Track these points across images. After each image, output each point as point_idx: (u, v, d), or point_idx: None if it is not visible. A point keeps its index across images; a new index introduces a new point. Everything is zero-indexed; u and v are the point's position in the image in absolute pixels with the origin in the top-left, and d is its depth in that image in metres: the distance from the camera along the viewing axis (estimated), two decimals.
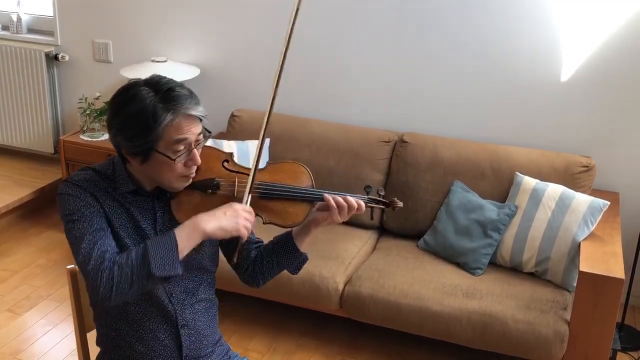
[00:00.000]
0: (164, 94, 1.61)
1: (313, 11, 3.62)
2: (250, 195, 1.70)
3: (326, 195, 1.77)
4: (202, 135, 1.67)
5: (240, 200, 1.71)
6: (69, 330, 3.09)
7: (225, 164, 1.79)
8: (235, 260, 1.73)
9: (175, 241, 1.58)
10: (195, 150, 1.66)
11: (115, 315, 1.76)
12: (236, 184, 1.75)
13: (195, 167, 1.70)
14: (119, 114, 1.63)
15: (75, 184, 1.67)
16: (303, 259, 1.89)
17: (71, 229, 1.64)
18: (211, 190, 1.74)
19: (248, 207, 1.68)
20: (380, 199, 1.87)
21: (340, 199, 1.76)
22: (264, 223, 1.76)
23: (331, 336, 3.16)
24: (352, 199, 1.77)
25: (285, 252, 1.87)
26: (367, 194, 1.85)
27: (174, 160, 1.63)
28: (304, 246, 1.87)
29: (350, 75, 3.66)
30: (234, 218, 1.62)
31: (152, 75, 1.68)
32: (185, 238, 1.59)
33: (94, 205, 1.66)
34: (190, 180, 1.71)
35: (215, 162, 1.78)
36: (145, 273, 1.55)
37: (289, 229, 1.87)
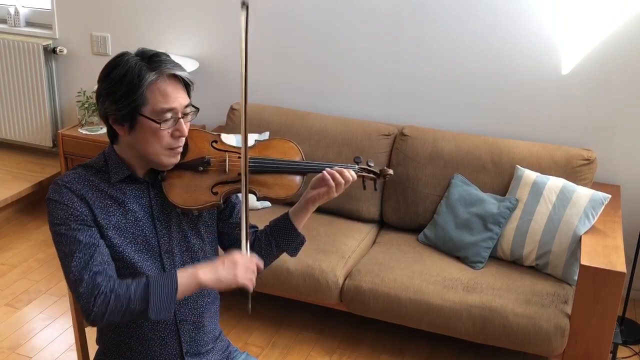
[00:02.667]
0: (150, 58, 1.64)
1: (313, 4, 3.60)
2: (249, 243, 1.69)
3: (325, 173, 1.78)
4: (189, 108, 1.68)
5: (232, 178, 1.73)
6: (68, 325, 3.08)
7: (214, 144, 1.80)
8: (249, 310, 1.73)
9: (177, 287, 1.59)
10: (182, 120, 1.66)
11: None
12: (227, 160, 1.76)
13: (183, 141, 1.69)
14: (106, 79, 1.65)
15: (64, 186, 1.65)
16: (301, 240, 1.89)
17: (59, 243, 1.63)
18: (202, 168, 1.74)
19: (249, 255, 1.68)
20: (371, 168, 1.90)
21: (337, 175, 1.78)
22: (258, 199, 1.76)
23: (331, 330, 3.15)
24: (347, 173, 1.79)
25: (284, 233, 1.87)
26: (357, 164, 1.88)
27: (160, 124, 1.62)
28: (301, 226, 1.87)
29: (349, 68, 3.64)
30: (232, 269, 1.62)
31: (139, 48, 1.71)
32: (184, 285, 1.61)
33: (83, 212, 1.63)
34: (178, 156, 1.70)
35: (204, 143, 1.79)
36: (140, 310, 1.58)
37: (284, 213, 1.88)
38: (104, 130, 3.86)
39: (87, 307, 1.57)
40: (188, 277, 1.61)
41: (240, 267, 1.63)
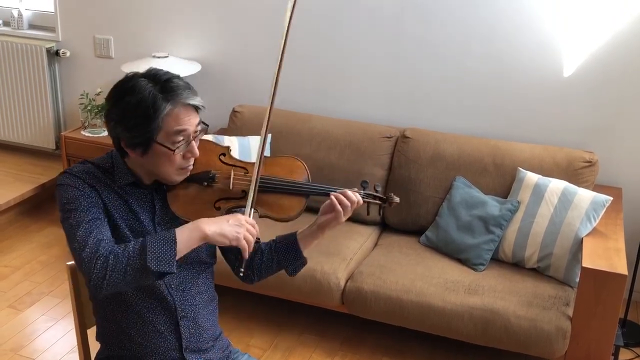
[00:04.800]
0: (163, 84, 1.63)
1: (314, 5, 3.61)
2: (252, 209, 1.70)
3: (332, 198, 1.77)
4: (199, 127, 1.69)
5: (235, 195, 1.74)
6: (71, 327, 3.08)
7: (222, 157, 1.81)
8: (241, 273, 1.71)
9: (175, 239, 1.58)
10: (193, 142, 1.68)
11: (115, 307, 1.76)
12: (232, 177, 1.76)
13: (193, 160, 1.71)
14: (118, 104, 1.64)
15: (75, 175, 1.68)
16: (302, 262, 1.90)
17: (67, 218, 1.64)
18: (207, 183, 1.75)
19: (252, 219, 1.68)
20: (377, 194, 1.88)
21: (342, 197, 1.77)
22: (259, 217, 1.76)
23: (333, 332, 3.16)
24: (352, 195, 1.78)
25: (288, 253, 1.88)
26: (364, 189, 1.86)
27: (174, 151, 1.64)
28: (307, 250, 1.88)
29: (351, 70, 3.65)
30: (236, 227, 1.62)
31: (150, 68, 1.70)
32: (185, 238, 1.59)
33: (92, 196, 1.66)
34: (188, 173, 1.73)
35: (212, 155, 1.79)
36: (140, 265, 1.55)
37: (292, 233, 1.89)
38: (106, 132, 3.89)
39: (88, 271, 1.56)
40: (190, 229, 1.60)
41: (244, 227, 1.63)
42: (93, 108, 3.95)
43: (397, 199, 1.88)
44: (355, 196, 1.78)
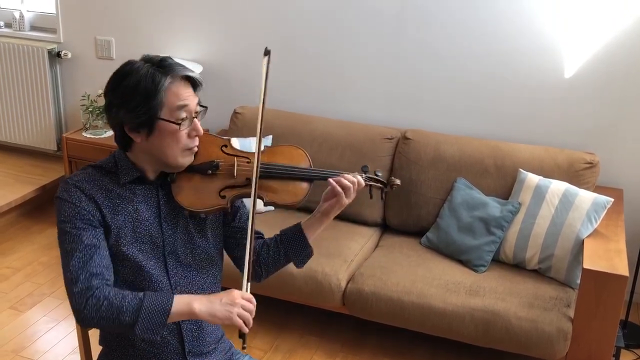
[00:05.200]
0: (159, 63, 1.67)
1: (315, 7, 3.62)
2: (249, 283, 1.69)
3: (331, 181, 1.78)
4: (198, 107, 1.71)
5: (240, 183, 1.74)
6: (72, 327, 3.09)
7: (224, 148, 1.82)
8: (244, 348, 1.71)
9: (170, 309, 1.60)
10: (196, 120, 1.70)
11: None
12: (235, 164, 1.78)
13: (197, 140, 1.72)
14: (117, 90, 1.66)
15: (74, 185, 1.67)
16: (309, 252, 1.90)
17: (63, 241, 1.65)
18: (211, 171, 1.76)
19: (248, 294, 1.66)
20: (378, 178, 1.90)
21: (343, 180, 1.78)
22: (264, 204, 1.78)
23: (333, 333, 3.16)
24: (350, 176, 1.80)
25: (294, 244, 1.87)
26: (365, 173, 1.87)
27: (179, 125, 1.65)
28: (312, 238, 1.88)
29: (352, 72, 3.65)
30: (229, 306, 1.62)
31: (143, 55, 1.73)
32: (178, 310, 1.61)
33: (89, 210, 1.65)
34: (193, 155, 1.74)
35: (214, 147, 1.81)
36: (129, 323, 1.59)
37: (297, 224, 1.89)
38: (108, 134, 3.91)
39: (78, 307, 1.59)
40: (183, 304, 1.61)
41: (238, 306, 1.62)
42: (94, 109, 3.95)
43: (398, 182, 1.91)
44: (355, 177, 1.80)
